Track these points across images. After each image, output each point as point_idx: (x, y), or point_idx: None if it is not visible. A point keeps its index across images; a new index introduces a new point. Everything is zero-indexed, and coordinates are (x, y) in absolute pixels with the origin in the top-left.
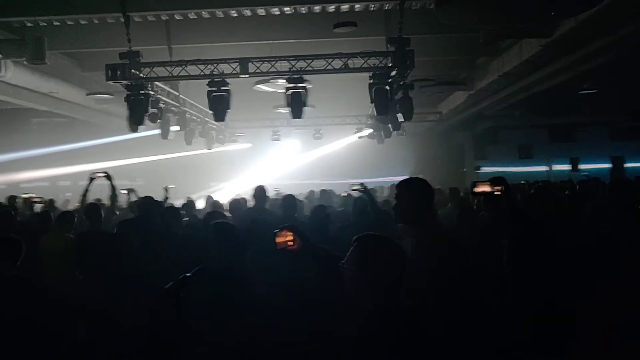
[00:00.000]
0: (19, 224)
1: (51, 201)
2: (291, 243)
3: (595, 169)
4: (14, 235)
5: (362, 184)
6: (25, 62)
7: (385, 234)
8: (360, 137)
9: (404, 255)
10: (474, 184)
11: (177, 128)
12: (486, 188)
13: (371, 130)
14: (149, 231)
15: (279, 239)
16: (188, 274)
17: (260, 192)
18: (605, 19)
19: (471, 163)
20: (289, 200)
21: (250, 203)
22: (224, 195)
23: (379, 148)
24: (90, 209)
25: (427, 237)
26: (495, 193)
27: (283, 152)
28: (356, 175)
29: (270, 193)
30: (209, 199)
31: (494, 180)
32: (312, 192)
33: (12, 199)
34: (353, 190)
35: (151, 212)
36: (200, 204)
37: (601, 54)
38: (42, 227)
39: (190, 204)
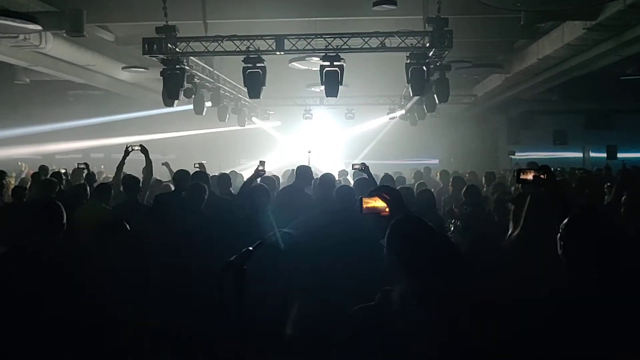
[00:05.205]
0: (58, 194)
1: (92, 174)
2: (386, 210)
3: (634, 157)
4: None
5: (363, 164)
6: (64, 35)
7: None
8: (391, 118)
9: (436, 241)
10: (519, 172)
11: (209, 104)
12: (531, 176)
13: (403, 112)
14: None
15: (367, 204)
16: (250, 248)
17: (303, 172)
18: None
19: (505, 147)
20: (328, 179)
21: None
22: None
23: (411, 130)
24: (128, 181)
25: None
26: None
27: (313, 130)
28: (387, 157)
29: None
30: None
31: (540, 168)
32: (344, 171)
33: (43, 169)
34: (354, 169)
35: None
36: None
37: None
38: (79, 198)
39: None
